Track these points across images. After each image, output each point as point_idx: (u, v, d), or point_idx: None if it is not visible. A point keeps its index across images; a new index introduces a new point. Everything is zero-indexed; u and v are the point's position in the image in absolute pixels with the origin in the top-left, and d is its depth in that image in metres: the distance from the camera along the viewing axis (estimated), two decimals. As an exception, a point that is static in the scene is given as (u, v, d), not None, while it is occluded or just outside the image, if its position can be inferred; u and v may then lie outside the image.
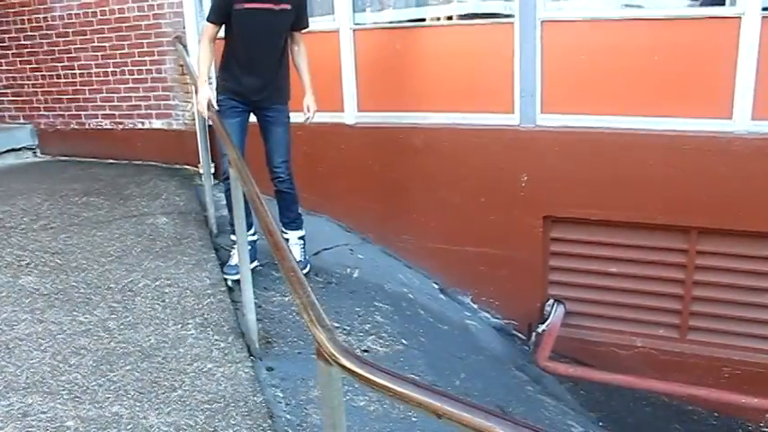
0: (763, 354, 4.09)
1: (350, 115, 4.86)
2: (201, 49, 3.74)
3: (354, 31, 4.76)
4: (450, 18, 4.65)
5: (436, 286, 4.60)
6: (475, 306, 4.56)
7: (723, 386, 4.05)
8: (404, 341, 3.59)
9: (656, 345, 4.28)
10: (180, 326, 3.26)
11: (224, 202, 4.20)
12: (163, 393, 2.71)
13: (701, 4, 4.13)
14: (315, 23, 4.35)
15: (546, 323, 4.25)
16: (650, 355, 4.26)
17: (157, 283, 3.67)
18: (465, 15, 4.61)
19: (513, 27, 4.23)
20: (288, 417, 2.71)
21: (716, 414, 4.10)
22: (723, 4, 3.89)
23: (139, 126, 5.92)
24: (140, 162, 5.95)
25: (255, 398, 2.73)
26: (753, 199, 3.88)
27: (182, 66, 5.45)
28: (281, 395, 2.87)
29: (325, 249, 4.50)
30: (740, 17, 3.76)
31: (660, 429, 4.03)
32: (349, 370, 1.54)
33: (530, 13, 4.18)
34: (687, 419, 4.10)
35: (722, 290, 4.15)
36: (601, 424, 3.90)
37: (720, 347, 4.17)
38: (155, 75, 5.74)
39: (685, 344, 4.24)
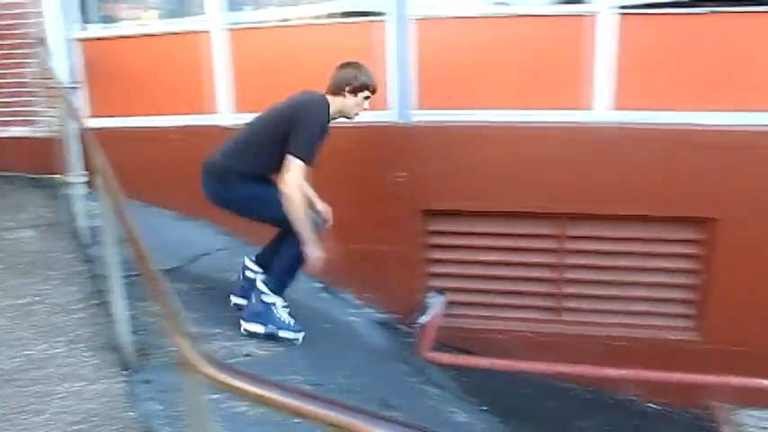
0: (628, 328, 4.38)
1: (225, 117, 4.78)
2: (297, 200, 3.20)
3: (227, 31, 4.68)
4: (320, 17, 4.65)
5: (319, 285, 4.59)
6: (358, 302, 4.59)
7: (596, 362, 4.29)
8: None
9: (533, 328, 4.48)
10: (48, 345, 3.09)
11: (98, 211, 4.01)
12: (27, 419, 2.56)
13: (561, 2, 4.35)
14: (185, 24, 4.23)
15: (427, 315, 4.35)
16: (529, 337, 4.46)
17: (22, 302, 3.46)
18: (340, 14, 4.63)
19: (387, 25, 4.31)
20: (167, 429, 2.63)
21: (590, 389, 4.35)
22: (580, 2, 4.11)
23: (1, 134, 5.55)
24: (2, 173, 5.57)
25: (131, 413, 2.63)
26: (614, 185, 4.14)
27: (45, 70, 5.15)
28: (159, 408, 2.77)
29: (205, 255, 4.40)
30: (595, 14, 4.01)
31: (539, 407, 4.23)
32: (212, 377, 1.52)
33: (403, 11, 4.27)
34: (564, 396, 4.33)
35: (592, 271, 4.41)
36: (484, 408, 4.02)
37: (592, 326, 4.43)
38: (16, 79, 5.40)
39: (561, 325, 4.47)
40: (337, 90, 3.45)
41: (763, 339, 4.14)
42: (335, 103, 3.43)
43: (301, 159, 3.19)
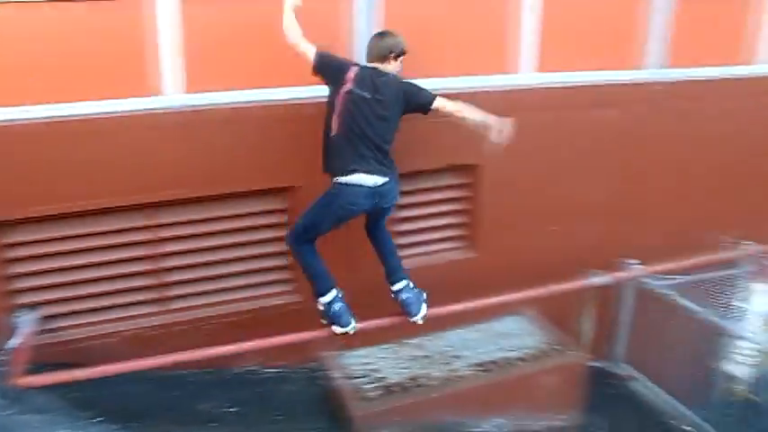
0: (236, 303, 4.54)
1: None
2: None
3: None
4: None
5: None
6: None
7: (210, 342, 4.31)
8: None
9: (142, 323, 4.33)
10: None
11: None
12: None
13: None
14: None
15: (16, 337, 3.87)
16: (139, 334, 4.29)
17: None
18: None
19: None
20: None
21: (209, 370, 4.39)
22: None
23: None
24: None
25: None
26: (198, 167, 4.17)
27: None
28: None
29: None
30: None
31: (161, 402, 4.13)
32: None
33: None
34: (185, 383, 4.29)
35: (192, 255, 4.41)
36: (100, 419, 3.79)
37: (201, 308, 4.47)
38: None
39: (169, 314, 4.39)
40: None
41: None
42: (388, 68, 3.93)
43: None
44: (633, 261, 5.27)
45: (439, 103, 3.88)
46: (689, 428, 5.27)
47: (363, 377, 4.57)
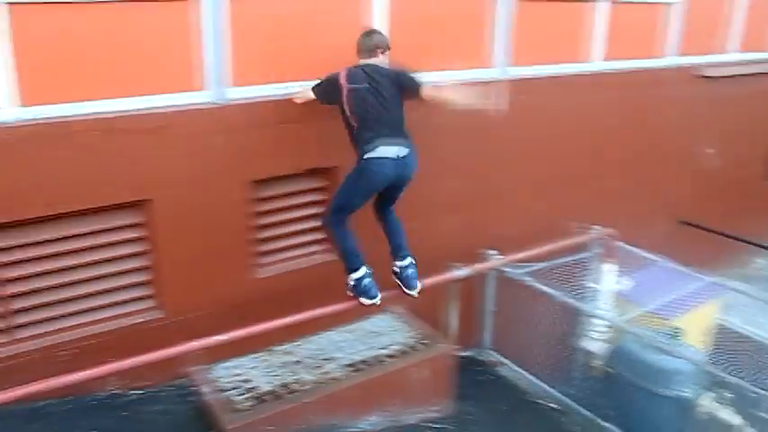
0: (95, 325, 4.34)
1: None
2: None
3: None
4: None
5: None
6: None
7: (67, 368, 4.07)
8: None
9: (-13, 356, 4.03)
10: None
11: None
12: None
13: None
14: None
15: None
16: (-16, 368, 4.00)
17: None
18: None
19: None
20: None
21: (69, 398, 4.15)
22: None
23: None
24: None
25: None
26: (41, 184, 3.93)
27: None
28: None
29: None
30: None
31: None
32: None
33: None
34: (44, 415, 4.04)
35: (39, 279, 4.15)
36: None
37: (55, 333, 4.21)
38: None
39: (17, 344, 4.11)
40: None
41: (214, 299, 4.57)
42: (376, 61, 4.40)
43: None
44: (492, 251, 5.51)
45: (427, 92, 4.26)
46: (554, 406, 5.58)
47: (234, 389, 4.48)
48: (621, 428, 5.15)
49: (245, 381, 4.56)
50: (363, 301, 4.41)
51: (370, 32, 4.50)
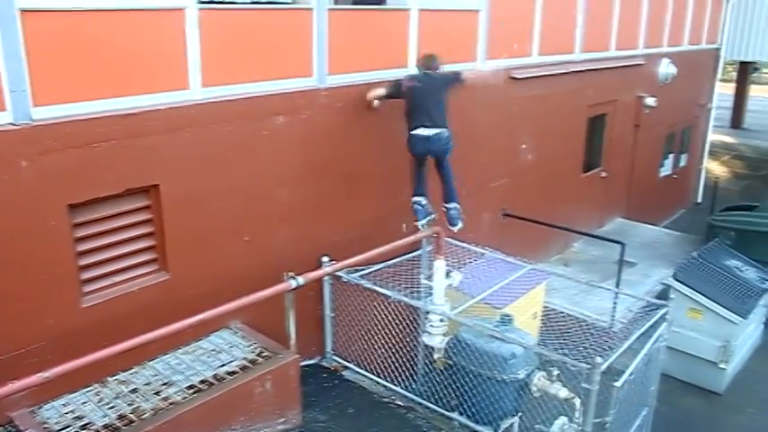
0: None
1: None
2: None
3: None
4: None
5: None
6: None
7: None
8: None
9: None
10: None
11: None
12: None
13: None
14: None
15: None
16: None
17: None
18: None
19: None
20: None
21: None
22: None
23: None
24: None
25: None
26: None
27: None
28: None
29: None
30: None
31: None
32: None
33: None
34: None
35: None
36: None
37: None
38: None
39: None
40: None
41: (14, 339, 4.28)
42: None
43: None
44: (326, 258, 5.59)
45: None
46: (400, 403, 5.75)
47: (66, 428, 4.19)
48: (465, 416, 5.41)
49: (78, 418, 4.29)
50: (415, 223, 6.28)
51: (431, 56, 6.12)
